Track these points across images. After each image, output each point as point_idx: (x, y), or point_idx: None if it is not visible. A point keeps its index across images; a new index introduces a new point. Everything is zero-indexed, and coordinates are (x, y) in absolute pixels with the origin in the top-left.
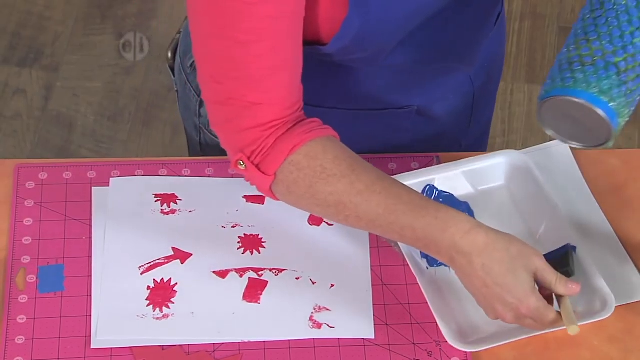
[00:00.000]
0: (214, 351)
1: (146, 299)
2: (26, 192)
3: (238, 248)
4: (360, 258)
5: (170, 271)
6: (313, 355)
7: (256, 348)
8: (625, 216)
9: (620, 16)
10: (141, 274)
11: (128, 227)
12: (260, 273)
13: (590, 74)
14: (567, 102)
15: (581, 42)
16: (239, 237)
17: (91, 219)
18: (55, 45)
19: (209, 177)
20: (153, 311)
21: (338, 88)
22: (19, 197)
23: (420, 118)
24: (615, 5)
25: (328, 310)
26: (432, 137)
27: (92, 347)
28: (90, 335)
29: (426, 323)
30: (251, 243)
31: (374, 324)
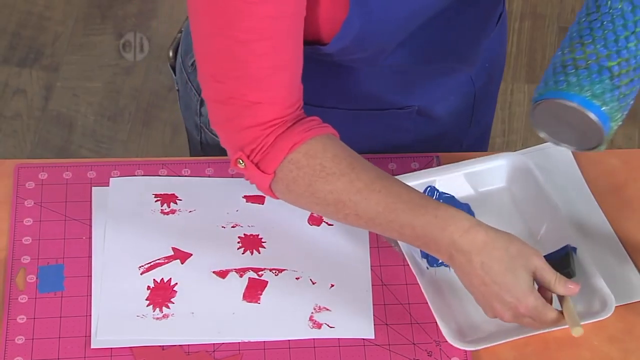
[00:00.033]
0: (214, 351)
1: (146, 299)
2: (26, 192)
3: (238, 248)
4: (360, 258)
5: (170, 271)
6: (313, 355)
7: (256, 348)
8: (625, 216)
9: (615, 20)
10: (141, 274)
11: (128, 227)
12: (260, 273)
13: (583, 78)
14: (560, 105)
15: (576, 46)
16: (239, 237)
17: (91, 219)
18: (55, 45)
19: (209, 177)
20: (153, 311)
21: (338, 88)
22: (19, 197)
23: (420, 118)
24: (611, 9)
25: (328, 310)
26: (433, 138)
27: (92, 347)
28: (90, 335)
29: (426, 323)
30: (251, 243)
31: (374, 324)
